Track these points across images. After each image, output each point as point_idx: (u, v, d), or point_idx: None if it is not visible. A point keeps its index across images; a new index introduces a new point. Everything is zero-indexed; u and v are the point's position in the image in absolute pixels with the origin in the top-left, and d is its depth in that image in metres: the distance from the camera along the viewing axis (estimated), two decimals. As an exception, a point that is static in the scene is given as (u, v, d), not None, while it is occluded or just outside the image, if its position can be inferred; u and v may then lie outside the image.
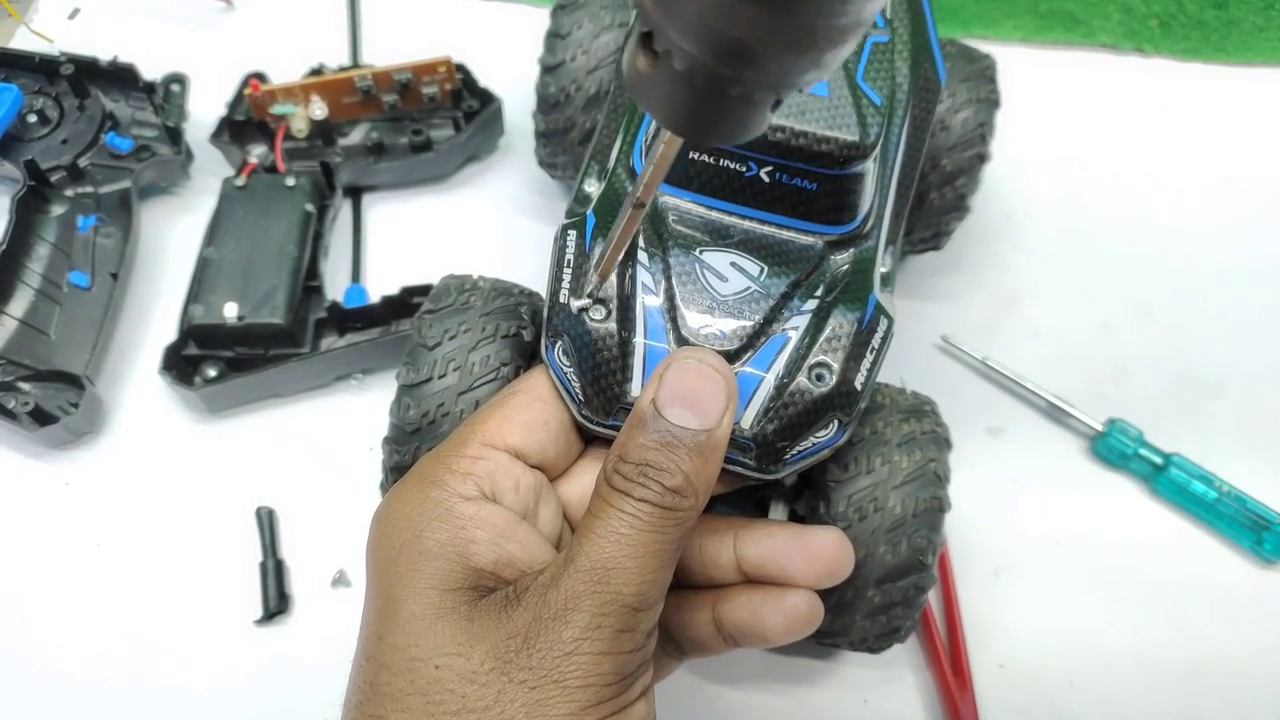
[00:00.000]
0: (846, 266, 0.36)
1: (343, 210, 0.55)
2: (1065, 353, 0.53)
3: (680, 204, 0.36)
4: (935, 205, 0.48)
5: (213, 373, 0.48)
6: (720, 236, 0.36)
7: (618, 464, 0.29)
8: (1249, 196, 0.58)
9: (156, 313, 0.52)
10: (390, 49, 0.57)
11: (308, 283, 0.50)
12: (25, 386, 0.47)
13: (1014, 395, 0.52)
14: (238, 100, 0.54)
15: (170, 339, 0.48)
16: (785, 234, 0.36)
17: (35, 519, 0.47)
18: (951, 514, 0.48)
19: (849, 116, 0.34)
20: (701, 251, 0.35)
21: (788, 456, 0.34)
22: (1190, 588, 0.47)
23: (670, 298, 0.34)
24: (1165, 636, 0.46)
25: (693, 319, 0.34)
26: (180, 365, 0.48)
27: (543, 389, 0.34)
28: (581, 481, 0.35)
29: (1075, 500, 0.49)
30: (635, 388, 0.33)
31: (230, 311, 0.47)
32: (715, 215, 0.36)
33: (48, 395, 0.47)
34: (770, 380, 0.34)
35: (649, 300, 0.34)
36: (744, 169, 0.35)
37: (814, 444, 0.34)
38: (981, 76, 0.48)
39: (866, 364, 0.35)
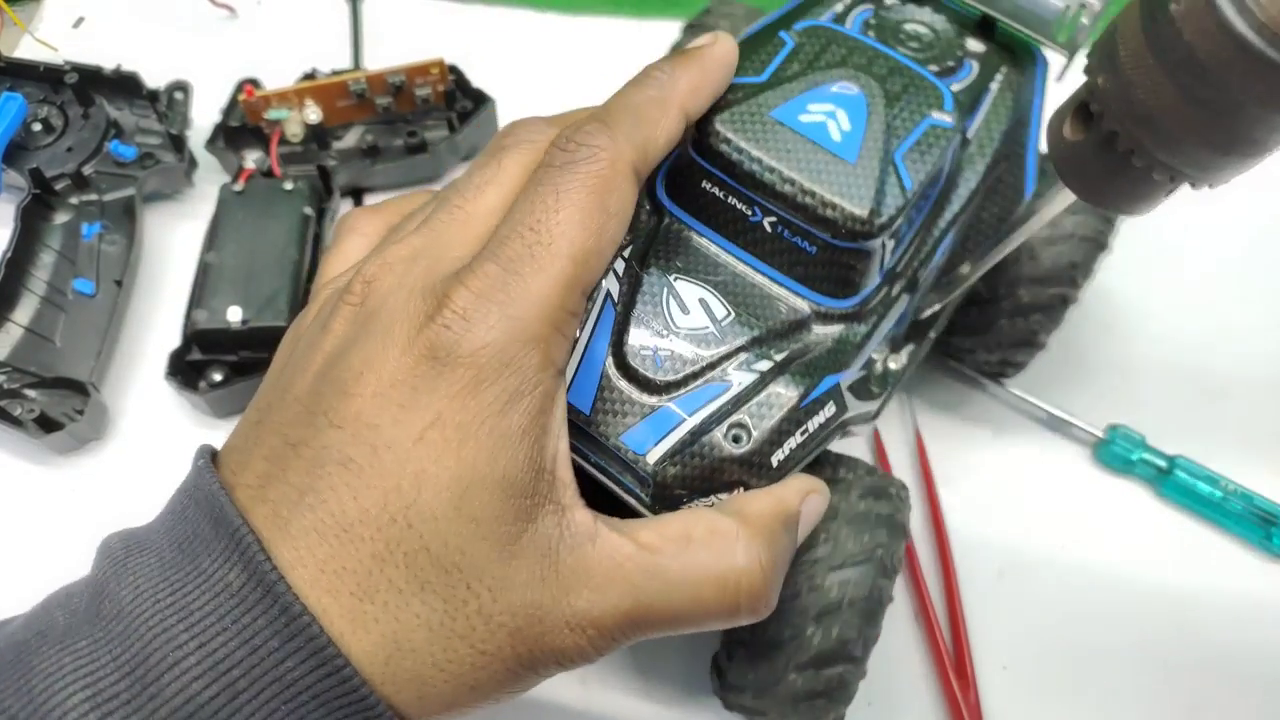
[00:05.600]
0: (827, 344, 0.34)
1: (341, 212, 0.55)
2: (1067, 357, 0.53)
3: (684, 229, 0.35)
4: (1005, 332, 0.45)
5: (218, 377, 0.48)
6: (706, 270, 0.34)
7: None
8: (1253, 197, 0.58)
9: (160, 319, 0.52)
10: (388, 54, 0.57)
11: (309, 285, 0.50)
12: (31, 393, 0.47)
13: (1012, 405, 0.51)
14: (232, 106, 0.55)
15: (175, 344, 0.49)
16: (775, 289, 0.34)
17: (41, 525, 0.47)
18: (955, 515, 0.48)
19: (866, 189, 0.32)
20: (675, 278, 0.34)
21: (684, 507, 0.32)
22: (1198, 587, 0.47)
23: (626, 310, 0.33)
24: (1171, 637, 0.46)
25: (636, 337, 0.33)
26: (185, 370, 0.48)
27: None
28: None
29: (1080, 505, 0.49)
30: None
31: (234, 315, 0.48)
32: (714, 250, 0.35)
33: (53, 402, 0.47)
34: (688, 424, 0.32)
35: (603, 327, 0.33)
36: (750, 212, 0.34)
37: (715, 503, 0.32)
38: (1096, 213, 0.43)
39: (792, 443, 0.33)
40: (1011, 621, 0.46)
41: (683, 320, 0.33)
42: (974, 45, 0.39)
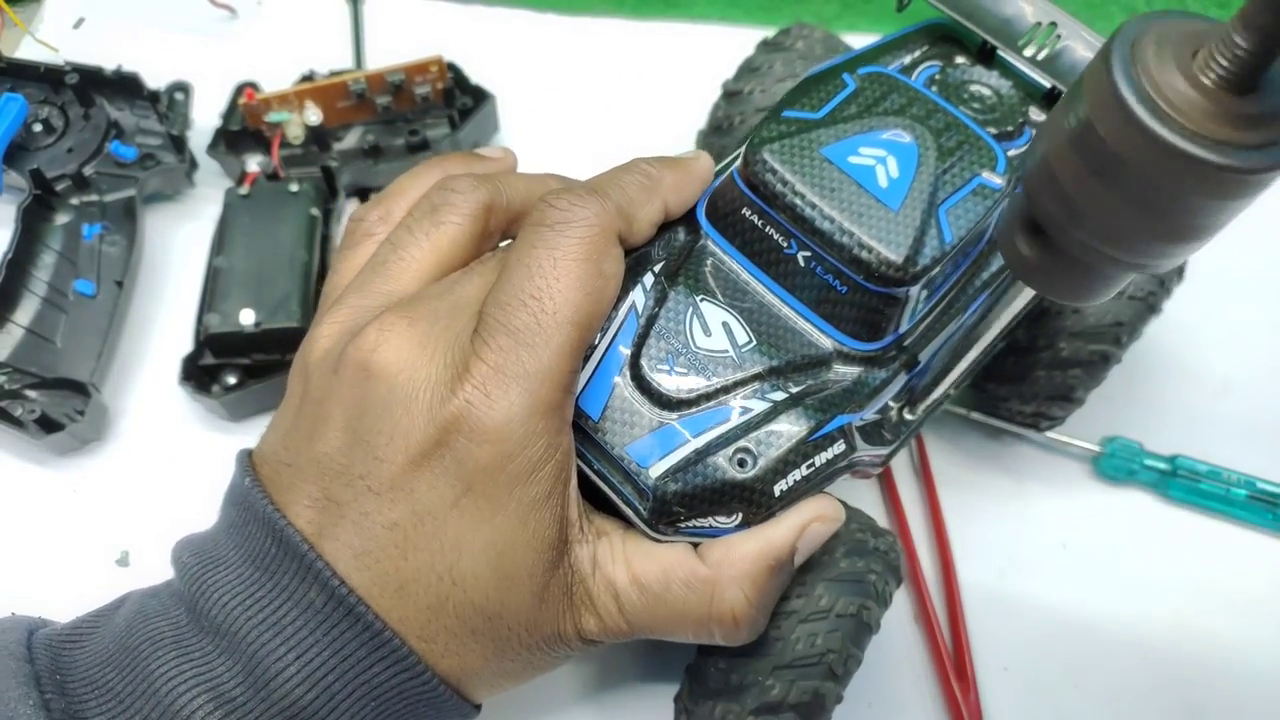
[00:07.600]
0: (844, 383, 0.34)
1: (348, 212, 0.55)
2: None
3: (719, 253, 0.35)
4: (1040, 383, 0.43)
5: (232, 381, 0.48)
6: (733, 295, 0.34)
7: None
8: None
9: (161, 320, 0.52)
10: (389, 55, 0.57)
11: (320, 285, 0.50)
12: (32, 394, 0.47)
13: (1007, 430, 0.51)
14: (231, 110, 0.55)
15: (177, 346, 0.49)
16: (800, 323, 0.34)
17: (42, 526, 0.47)
18: (957, 515, 0.48)
19: (904, 237, 0.32)
20: (702, 299, 0.34)
21: (681, 525, 0.33)
22: (1204, 582, 0.47)
23: (649, 324, 0.34)
24: (1172, 638, 0.46)
25: (654, 351, 0.33)
26: (199, 375, 0.48)
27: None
28: None
29: (1082, 514, 0.49)
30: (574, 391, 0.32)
31: (247, 318, 0.48)
32: (745, 276, 0.35)
33: (54, 403, 0.47)
34: (693, 444, 0.32)
35: (623, 337, 0.33)
36: (785, 244, 0.34)
37: (712, 526, 0.33)
38: (1151, 277, 0.42)
39: (796, 475, 0.33)
40: (1011, 622, 0.46)
41: (703, 341, 0.34)
42: (1037, 114, 0.39)
